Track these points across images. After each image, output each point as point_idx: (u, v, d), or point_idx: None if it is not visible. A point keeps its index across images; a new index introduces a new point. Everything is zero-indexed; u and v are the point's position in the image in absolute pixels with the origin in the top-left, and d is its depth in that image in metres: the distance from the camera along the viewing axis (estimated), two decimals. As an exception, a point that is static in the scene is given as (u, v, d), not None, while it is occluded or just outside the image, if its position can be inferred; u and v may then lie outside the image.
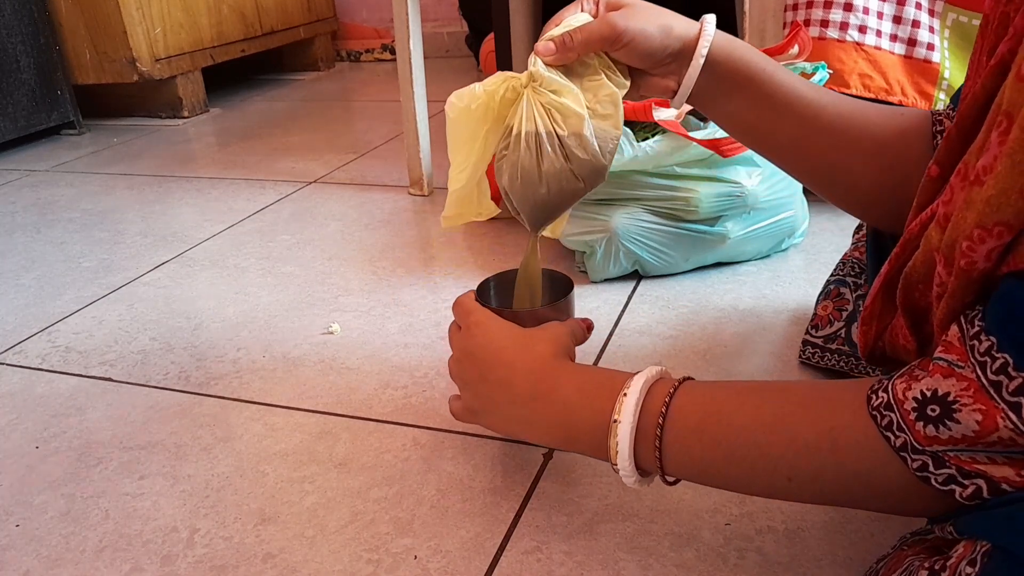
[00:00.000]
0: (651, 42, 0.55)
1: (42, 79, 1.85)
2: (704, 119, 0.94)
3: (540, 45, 0.56)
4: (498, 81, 0.57)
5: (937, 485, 0.38)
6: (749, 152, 0.88)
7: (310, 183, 1.46)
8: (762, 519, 0.58)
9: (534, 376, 0.53)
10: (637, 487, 0.50)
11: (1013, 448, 0.35)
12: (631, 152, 0.88)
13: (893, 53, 1.05)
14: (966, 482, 0.37)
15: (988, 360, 0.35)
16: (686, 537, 0.57)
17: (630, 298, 0.93)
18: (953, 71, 1.03)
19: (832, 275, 0.79)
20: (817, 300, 0.78)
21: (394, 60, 1.37)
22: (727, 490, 0.50)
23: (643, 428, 0.47)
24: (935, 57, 1.04)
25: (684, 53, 0.56)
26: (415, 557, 0.57)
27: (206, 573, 0.57)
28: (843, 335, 0.72)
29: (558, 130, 0.54)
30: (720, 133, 0.88)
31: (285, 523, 0.61)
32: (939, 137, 0.56)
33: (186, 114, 2.05)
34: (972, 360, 0.36)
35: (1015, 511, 0.35)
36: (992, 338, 0.35)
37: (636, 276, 0.98)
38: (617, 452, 0.48)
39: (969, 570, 0.35)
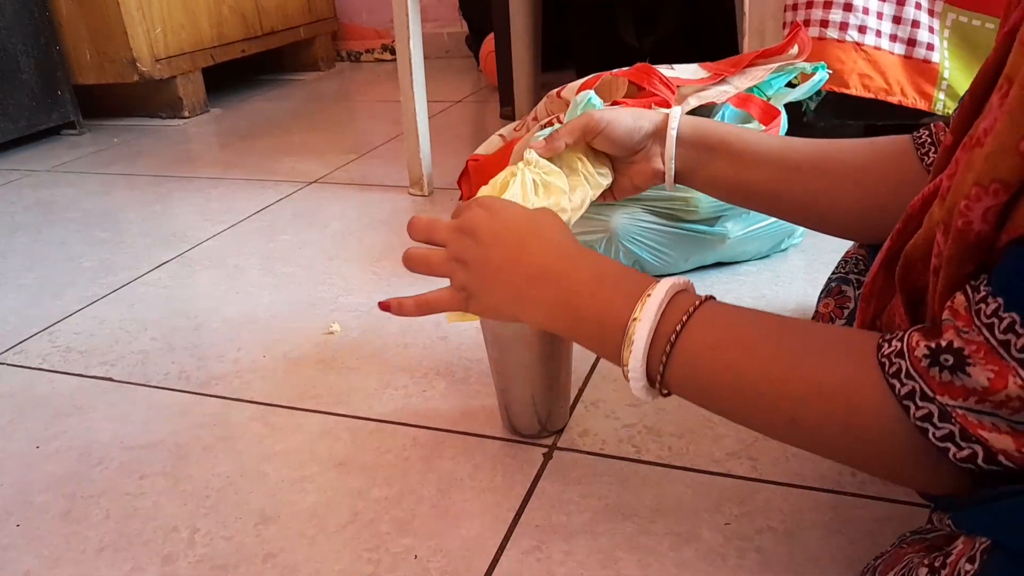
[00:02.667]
0: (624, 125, 0.64)
1: (43, 79, 1.85)
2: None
3: (533, 143, 0.64)
4: (503, 173, 0.64)
5: (934, 440, 0.37)
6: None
7: (310, 183, 1.46)
8: (762, 519, 0.58)
9: (549, 254, 0.51)
10: (642, 395, 0.48)
11: (1021, 415, 0.35)
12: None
13: (893, 53, 1.05)
14: (963, 444, 0.36)
15: (995, 321, 0.35)
16: (686, 537, 0.57)
17: (630, 298, 0.93)
18: (952, 71, 1.03)
19: (834, 272, 0.79)
20: (819, 298, 0.78)
21: (394, 60, 1.38)
22: (719, 415, 0.48)
23: (659, 333, 0.46)
24: (935, 57, 1.04)
25: (658, 133, 0.65)
26: (415, 557, 0.57)
27: (206, 573, 0.57)
28: None
29: (542, 200, 0.63)
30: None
31: (285, 523, 0.61)
32: (927, 154, 0.57)
33: (186, 114, 2.05)
34: (978, 323, 0.35)
35: (1014, 505, 0.35)
36: (999, 299, 0.35)
37: (636, 276, 0.98)
38: (631, 352, 0.46)
39: (968, 567, 0.35)
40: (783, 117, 0.91)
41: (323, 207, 1.33)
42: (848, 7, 1.04)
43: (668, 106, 0.89)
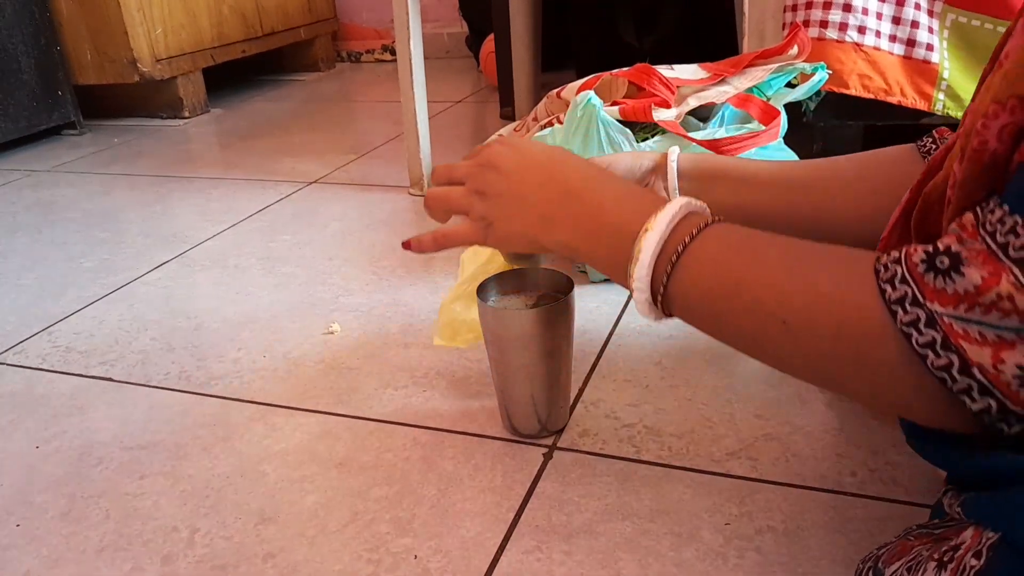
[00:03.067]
0: (624, 163, 0.67)
1: (43, 79, 1.85)
2: (704, 119, 0.94)
3: None
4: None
5: (916, 346, 0.36)
6: (749, 152, 0.88)
7: (311, 183, 1.46)
8: (762, 519, 0.58)
9: (575, 178, 0.53)
10: (645, 311, 0.48)
11: (1009, 320, 0.34)
12: (631, 152, 0.88)
13: (892, 53, 1.05)
14: (942, 353, 0.36)
15: (999, 227, 0.34)
16: (686, 537, 0.57)
17: (630, 298, 0.93)
18: (952, 72, 1.03)
19: None
20: None
21: (394, 61, 1.37)
22: (715, 336, 0.48)
23: (668, 244, 0.46)
24: (934, 58, 1.04)
25: (658, 168, 0.67)
26: (415, 557, 0.57)
27: (206, 573, 0.57)
28: None
29: None
30: (720, 133, 0.88)
31: (285, 523, 0.61)
32: (928, 152, 0.57)
33: (187, 114, 2.05)
34: (982, 232, 0.35)
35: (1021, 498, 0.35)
36: (1006, 206, 0.34)
37: (636, 276, 0.98)
38: (638, 262, 0.46)
39: (975, 562, 0.35)
40: (783, 117, 0.91)
41: (323, 207, 1.33)
42: (847, 8, 1.04)
43: (668, 106, 0.89)
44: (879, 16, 1.05)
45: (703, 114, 0.93)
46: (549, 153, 0.55)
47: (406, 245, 0.62)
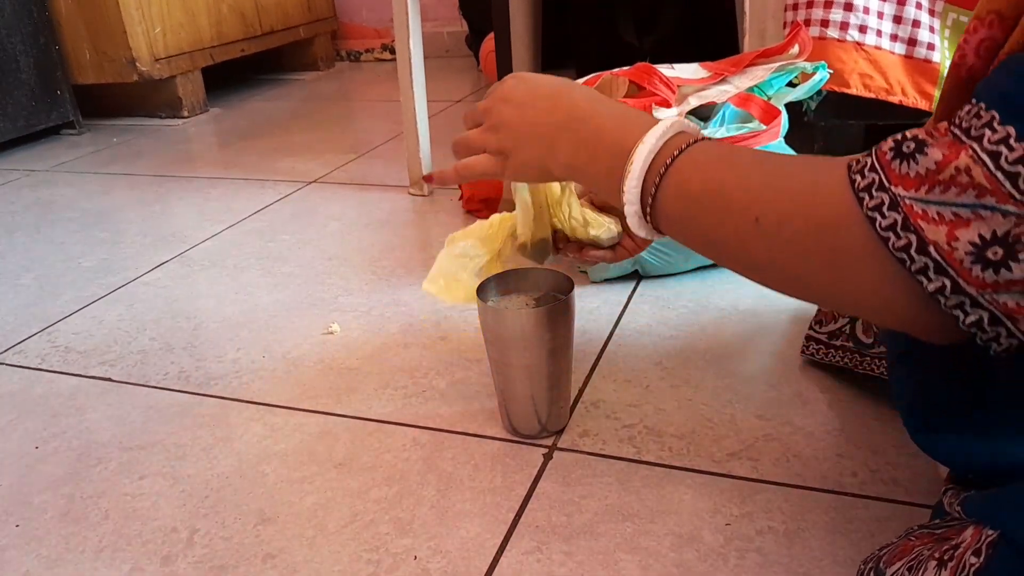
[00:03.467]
0: None
1: (42, 79, 1.85)
2: (705, 118, 0.94)
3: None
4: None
5: (879, 230, 0.37)
6: (749, 152, 0.88)
7: (310, 183, 1.46)
8: (762, 519, 0.58)
9: (580, 105, 0.54)
10: (635, 226, 0.50)
11: (965, 196, 0.34)
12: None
13: (893, 53, 1.05)
14: (902, 234, 0.36)
15: (965, 117, 0.35)
16: (686, 537, 0.57)
17: (630, 298, 0.93)
18: (953, 71, 1.03)
19: None
20: None
21: (394, 60, 1.37)
22: (696, 247, 0.49)
23: (659, 156, 0.48)
24: (935, 57, 1.04)
25: None
26: (415, 557, 0.57)
27: (206, 573, 0.57)
28: (847, 331, 0.72)
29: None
30: (721, 132, 0.88)
31: (285, 523, 0.61)
32: None
33: (186, 114, 2.05)
34: (952, 128, 0.36)
35: (1021, 496, 0.35)
36: (973, 100, 0.35)
37: (636, 276, 0.98)
38: (629, 173, 0.48)
39: (974, 560, 0.35)
40: (783, 117, 0.91)
41: (322, 207, 1.33)
42: (849, 7, 1.04)
43: (668, 106, 0.89)
44: (880, 15, 1.05)
45: (704, 113, 0.93)
46: (557, 83, 0.57)
47: (428, 178, 0.66)
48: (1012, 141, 0.33)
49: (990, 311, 0.35)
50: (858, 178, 0.38)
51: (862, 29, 1.04)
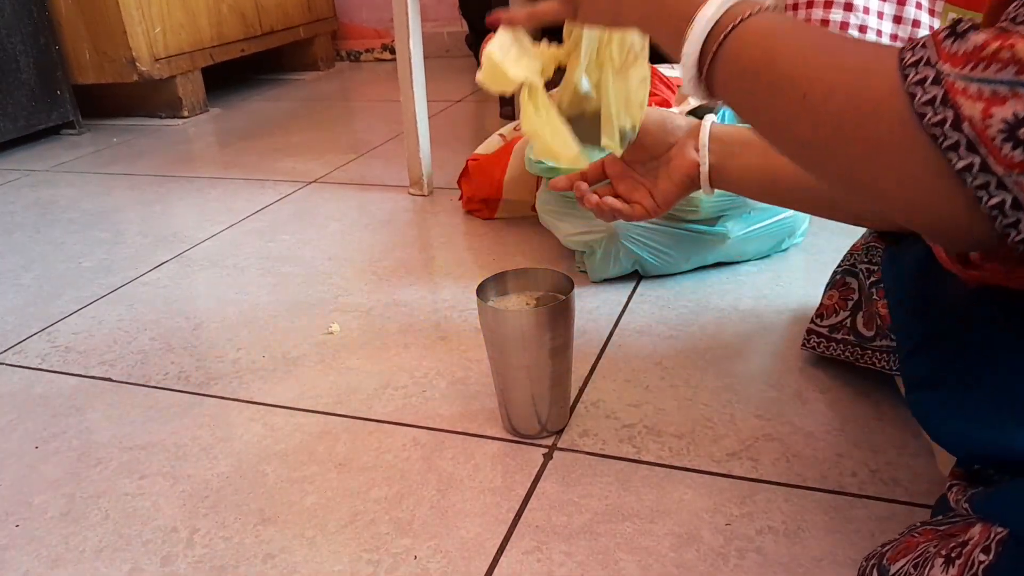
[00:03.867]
0: (654, 116, 0.71)
1: (42, 79, 1.85)
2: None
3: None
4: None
5: (918, 106, 0.38)
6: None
7: (310, 183, 1.46)
8: (762, 519, 0.58)
9: None
10: (690, 89, 0.50)
11: (1005, 73, 0.35)
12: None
13: (893, 53, 1.04)
14: (940, 109, 0.37)
15: (1015, 11, 0.35)
16: (686, 537, 0.57)
17: (630, 298, 0.93)
18: (953, 71, 1.03)
19: (840, 265, 0.79)
20: (824, 289, 0.78)
21: (394, 60, 1.37)
22: (744, 115, 0.50)
23: (718, 26, 0.48)
24: (935, 57, 1.04)
25: (691, 131, 0.70)
26: (415, 557, 0.57)
27: (206, 573, 0.57)
28: (848, 324, 0.72)
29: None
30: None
31: (285, 523, 0.61)
32: None
33: (186, 114, 2.05)
34: (1002, 24, 0.36)
35: None
36: None
37: (636, 276, 0.98)
38: (691, 33, 0.48)
39: (983, 558, 0.35)
40: (783, 117, 0.91)
41: (322, 207, 1.33)
42: (849, 7, 1.04)
43: (668, 106, 0.89)
44: (880, 15, 1.05)
45: (704, 112, 0.93)
46: None
47: (494, 18, 0.67)
48: None
49: (1013, 195, 0.35)
50: (908, 54, 0.39)
51: (862, 29, 1.04)
